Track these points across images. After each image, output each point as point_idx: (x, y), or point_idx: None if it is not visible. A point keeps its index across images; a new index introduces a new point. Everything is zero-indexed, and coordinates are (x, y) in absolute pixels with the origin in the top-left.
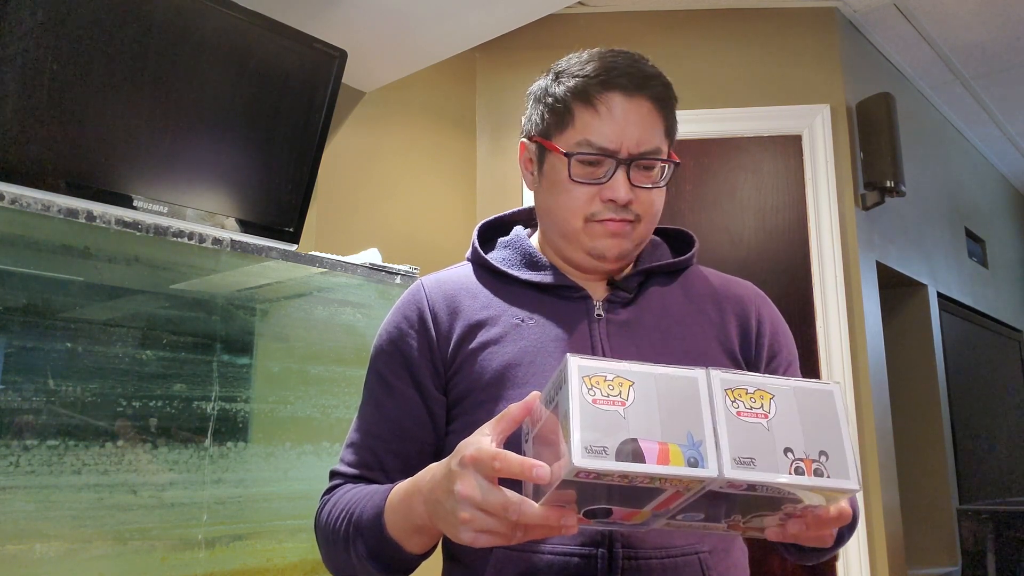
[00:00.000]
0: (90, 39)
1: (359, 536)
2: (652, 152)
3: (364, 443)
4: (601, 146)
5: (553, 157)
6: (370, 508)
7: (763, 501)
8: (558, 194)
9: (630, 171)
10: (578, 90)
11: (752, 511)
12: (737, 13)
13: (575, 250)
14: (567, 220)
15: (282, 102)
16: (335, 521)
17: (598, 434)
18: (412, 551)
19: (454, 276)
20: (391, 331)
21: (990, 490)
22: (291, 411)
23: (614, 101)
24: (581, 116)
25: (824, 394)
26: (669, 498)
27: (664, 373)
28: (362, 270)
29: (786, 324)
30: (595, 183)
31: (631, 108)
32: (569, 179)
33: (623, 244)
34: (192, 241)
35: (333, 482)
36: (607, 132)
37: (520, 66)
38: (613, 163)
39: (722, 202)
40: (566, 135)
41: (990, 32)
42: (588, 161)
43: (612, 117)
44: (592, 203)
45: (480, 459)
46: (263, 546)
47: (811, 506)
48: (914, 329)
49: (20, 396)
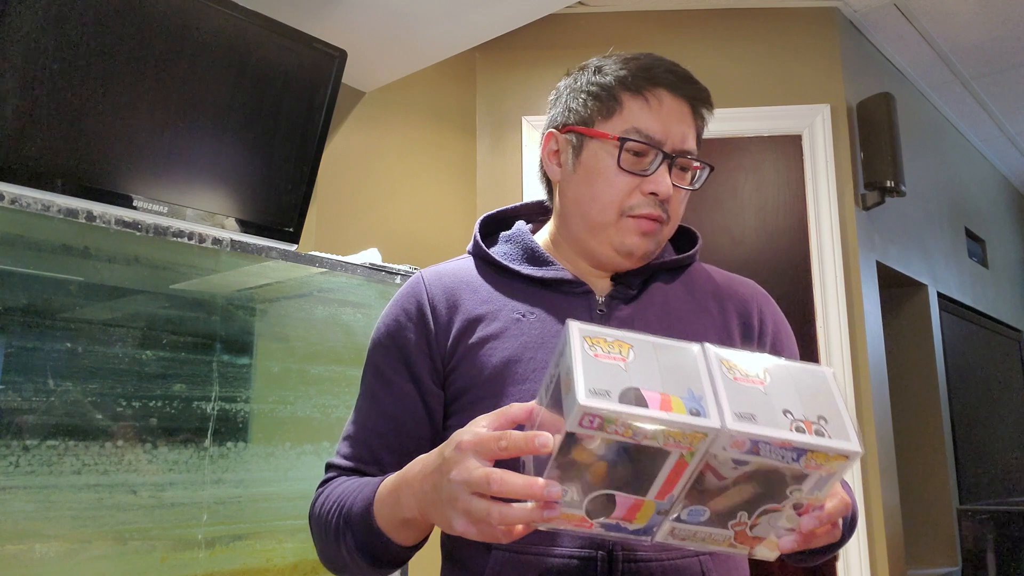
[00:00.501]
0: (90, 39)
1: (349, 529)
2: (691, 152)
3: (360, 437)
4: (650, 136)
5: (595, 145)
6: (360, 501)
7: (768, 485)
8: (597, 183)
9: (671, 168)
10: (627, 80)
11: (758, 504)
12: (737, 13)
13: (600, 243)
14: (601, 211)
15: (282, 102)
16: (327, 513)
17: (601, 382)
18: (401, 543)
19: (454, 269)
20: (389, 324)
21: (990, 490)
22: (291, 411)
23: (663, 96)
24: (630, 105)
25: (819, 375)
26: (672, 474)
27: (661, 342)
28: (362, 270)
29: (788, 322)
30: (639, 174)
31: (676, 105)
32: (617, 166)
33: (649, 244)
34: (192, 241)
35: (328, 475)
36: (655, 124)
37: (520, 66)
38: (659, 156)
39: (722, 202)
40: (612, 122)
41: (990, 32)
42: (636, 151)
43: (662, 110)
44: (632, 195)
45: (483, 440)
46: (263, 546)
47: (817, 496)
48: (914, 329)
49: (20, 396)
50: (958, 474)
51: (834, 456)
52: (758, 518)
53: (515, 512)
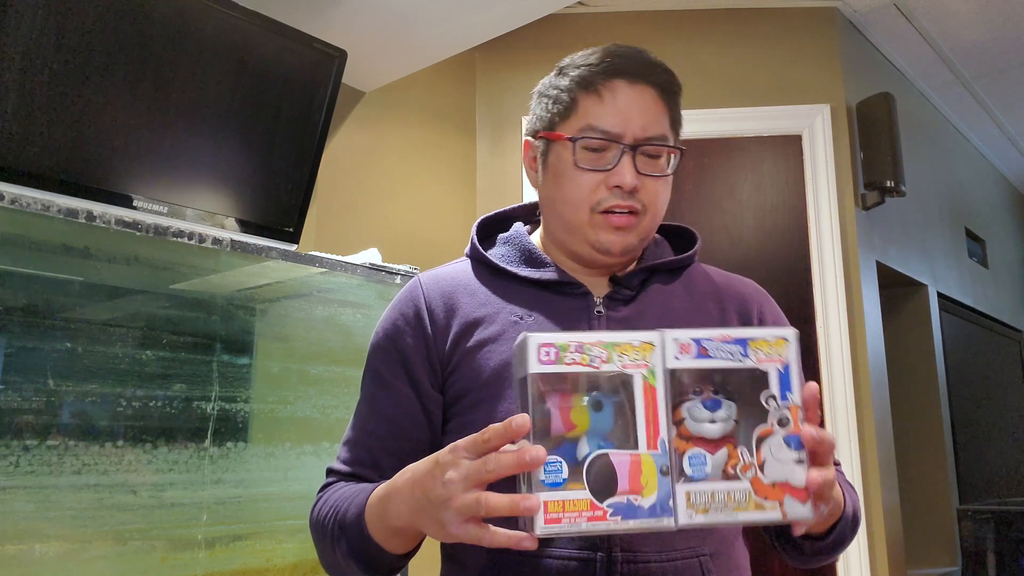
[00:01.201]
0: (90, 39)
1: (343, 535)
2: (658, 138)
3: (360, 441)
4: (605, 130)
5: (558, 147)
6: (353, 508)
7: (741, 399)
8: (562, 184)
9: (636, 157)
10: (582, 79)
11: (748, 431)
12: (737, 13)
13: (579, 243)
14: (573, 211)
15: (282, 102)
16: (324, 519)
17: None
18: (392, 551)
19: (452, 272)
20: (388, 328)
21: (990, 490)
22: (291, 411)
23: (618, 88)
24: (584, 103)
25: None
26: (648, 408)
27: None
28: (362, 270)
29: (788, 322)
30: (601, 170)
31: (634, 95)
32: (575, 166)
33: (628, 238)
34: (192, 241)
35: (328, 480)
36: (611, 117)
37: (520, 66)
38: (619, 149)
39: (722, 202)
40: (570, 123)
41: (990, 32)
42: (593, 147)
43: (616, 103)
44: (598, 191)
45: (472, 440)
46: (263, 546)
47: (793, 400)
48: (914, 329)
49: (20, 396)
50: (958, 474)
51: (775, 341)
52: (759, 451)
53: (503, 498)
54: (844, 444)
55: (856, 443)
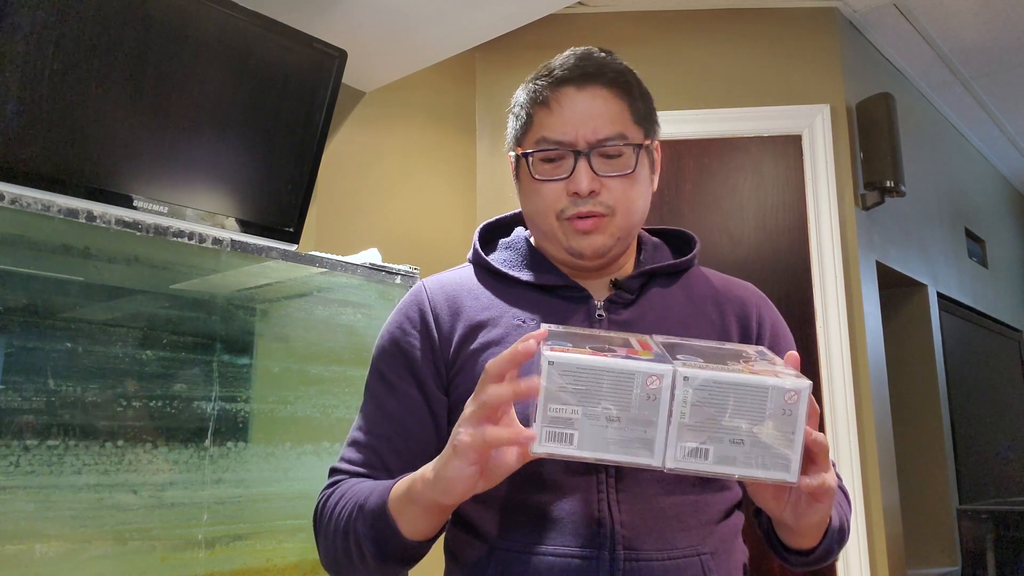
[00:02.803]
0: (90, 39)
1: (361, 518)
2: (612, 138)
3: (367, 442)
4: (556, 140)
5: (523, 161)
6: (376, 495)
7: None
8: (530, 196)
9: (592, 161)
10: (534, 92)
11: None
12: (737, 13)
13: (556, 249)
14: (542, 220)
15: (282, 102)
16: (339, 510)
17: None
18: (410, 537)
19: (456, 277)
20: (393, 331)
21: (990, 490)
22: (291, 411)
23: (566, 96)
24: (538, 116)
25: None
26: None
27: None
28: (362, 270)
29: (787, 326)
30: (560, 179)
31: (584, 99)
32: (532, 179)
33: (597, 240)
34: (192, 241)
35: (334, 478)
36: (560, 126)
37: (520, 66)
38: (572, 156)
39: (722, 202)
40: (528, 137)
41: (990, 32)
42: (547, 158)
43: (563, 111)
44: (560, 199)
45: (481, 383)
46: (263, 546)
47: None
48: (914, 329)
49: (20, 396)
50: (958, 474)
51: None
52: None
53: (502, 387)
54: (844, 444)
55: (856, 443)
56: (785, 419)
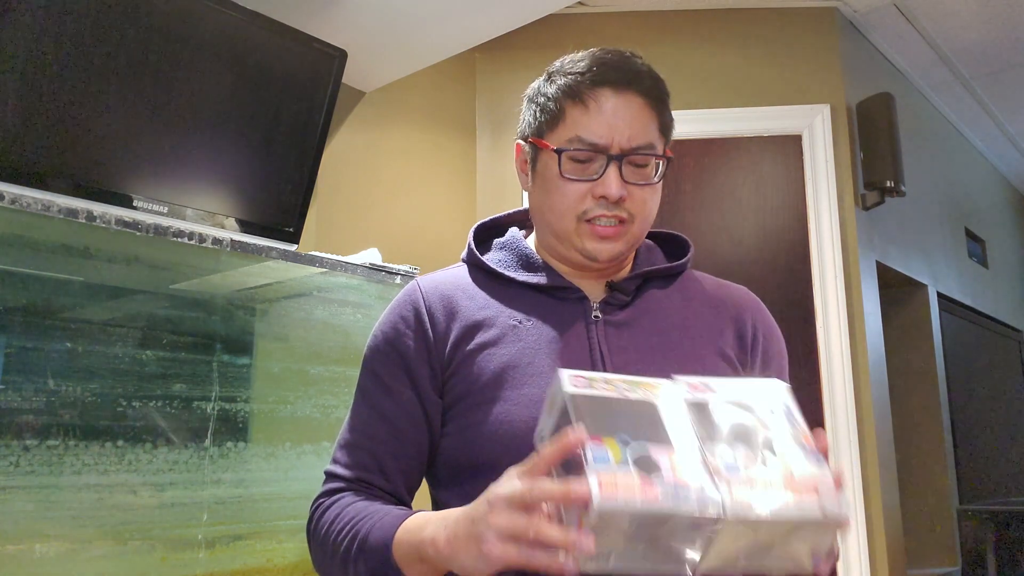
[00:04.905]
0: (90, 39)
1: (362, 557)
2: (644, 147)
3: (361, 444)
4: (591, 142)
5: (545, 155)
6: (377, 530)
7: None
8: (550, 193)
9: (622, 167)
10: (568, 88)
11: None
12: (737, 13)
13: (567, 249)
14: (559, 219)
15: (282, 102)
16: (336, 534)
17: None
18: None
19: (450, 277)
20: (387, 331)
21: (990, 490)
22: (291, 411)
23: (604, 97)
24: (571, 113)
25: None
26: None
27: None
28: (362, 270)
29: (780, 332)
30: (587, 180)
31: (621, 104)
32: (560, 176)
33: (615, 247)
34: (192, 241)
35: (330, 485)
36: (597, 128)
37: (520, 66)
38: (605, 159)
39: (722, 202)
40: (557, 132)
41: (990, 32)
42: (579, 158)
43: (602, 113)
44: (584, 201)
45: (528, 471)
46: (263, 546)
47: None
48: (914, 329)
49: (20, 396)
50: (958, 474)
51: None
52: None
53: (555, 530)
54: (844, 444)
55: (856, 443)
56: (818, 536)
